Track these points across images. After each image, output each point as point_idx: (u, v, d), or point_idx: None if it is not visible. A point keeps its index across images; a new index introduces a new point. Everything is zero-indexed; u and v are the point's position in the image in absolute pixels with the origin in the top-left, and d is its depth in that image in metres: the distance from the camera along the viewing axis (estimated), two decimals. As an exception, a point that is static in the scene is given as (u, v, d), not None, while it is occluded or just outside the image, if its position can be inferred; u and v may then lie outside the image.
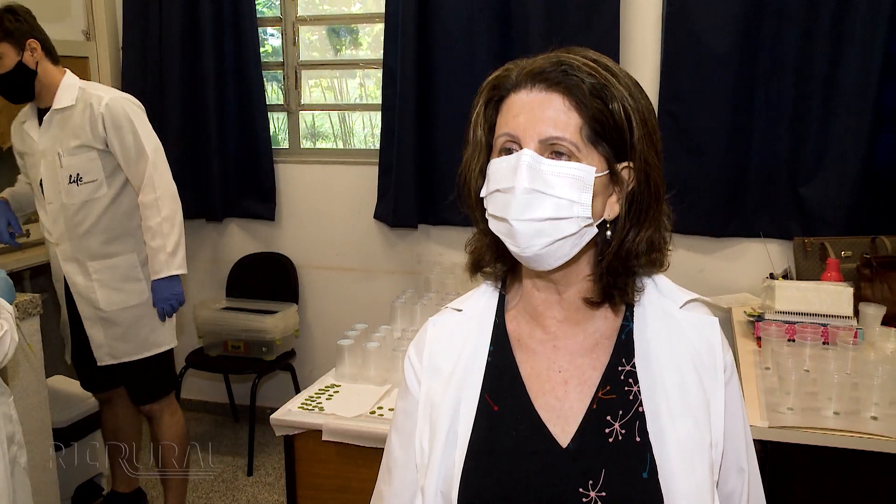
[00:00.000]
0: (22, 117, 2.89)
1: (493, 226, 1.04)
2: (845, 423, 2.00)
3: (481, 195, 1.06)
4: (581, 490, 1.02)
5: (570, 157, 1.00)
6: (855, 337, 2.38)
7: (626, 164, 1.03)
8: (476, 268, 1.16)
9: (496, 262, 1.14)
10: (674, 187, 1.10)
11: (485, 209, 1.06)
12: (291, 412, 2.28)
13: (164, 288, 2.85)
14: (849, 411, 2.05)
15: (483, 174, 1.06)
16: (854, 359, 2.25)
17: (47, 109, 2.78)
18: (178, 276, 2.85)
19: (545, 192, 0.98)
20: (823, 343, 2.43)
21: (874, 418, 2.02)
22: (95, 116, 2.75)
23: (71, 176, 2.77)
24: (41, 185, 2.80)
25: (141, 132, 2.80)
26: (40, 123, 2.80)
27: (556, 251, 1.01)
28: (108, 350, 2.88)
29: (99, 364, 2.89)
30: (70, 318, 2.93)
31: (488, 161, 1.05)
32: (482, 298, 1.17)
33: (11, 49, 2.65)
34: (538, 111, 1.00)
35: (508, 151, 1.02)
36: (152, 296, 2.87)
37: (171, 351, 3.01)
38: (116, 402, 3.11)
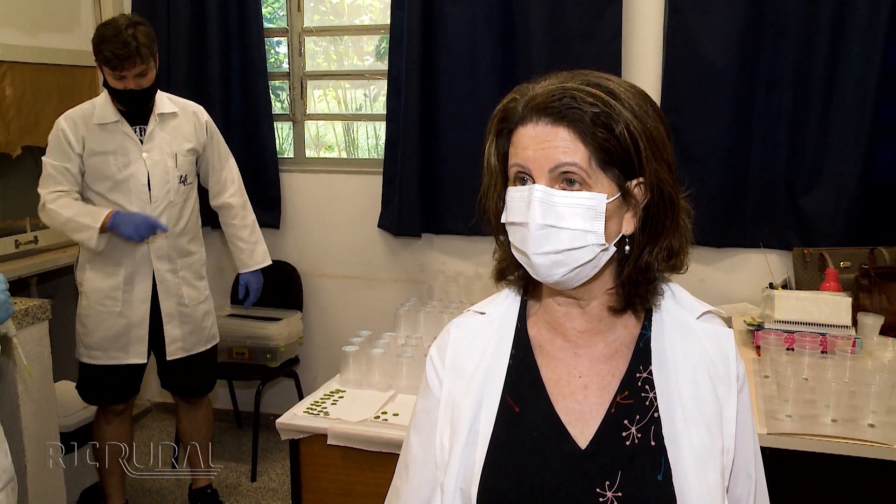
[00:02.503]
0: (98, 119, 2.89)
1: (515, 254, 1.09)
2: (843, 431, 2.03)
3: (502, 221, 1.10)
4: (598, 490, 1.05)
5: (582, 185, 1.02)
6: (853, 346, 2.41)
7: (638, 180, 1.05)
8: (500, 276, 1.19)
9: (518, 271, 1.17)
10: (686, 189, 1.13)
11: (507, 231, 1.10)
12: (297, 416, 2.31)
13: (258, 278, 3.28)
14: (846, 419, 2.08)
15: (502, 198, 1.10)
16: (852, 367, 2.28)
17: (136, 113, 2.92)
18: None
19: (558, 225, 1.02)
20: (822, 352, 2.45)
21: (871, 426, 2.05)
22: (202, 124, 3.07)
23: (181, 176, 3.02)
24: (148, 184, 2.92)
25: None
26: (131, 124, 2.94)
27: (576, 276, 1.05)
28: (181, 344, 3.08)
29: (169, 358, 3.05)
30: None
31: (506, 187, 1.09)
32: (504, 302, 1.20)
33: (154, 63, 2.87)
34: (545, 143, 1.03)
35: (523, 181, 1.05)
36: (248, 286, 3.24)
37: (217, 345, 3.30)
38: (126, 412, 3.16)
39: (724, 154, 3.30)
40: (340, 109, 4.25)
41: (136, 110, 2.91)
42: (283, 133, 4.18)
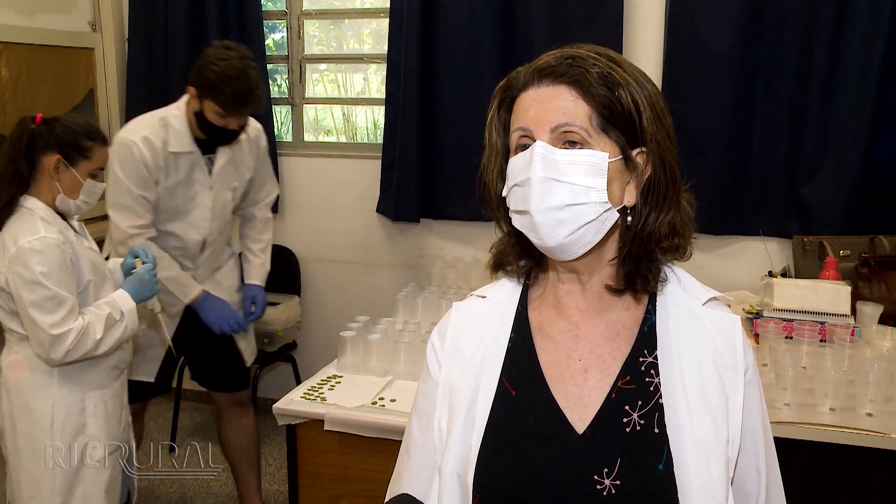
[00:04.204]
0: (174, 147, 2.69)
1: (517, 221, 1.06)
2: (841, 419, 2.03)
3: (502, 195, 1.08)
4: (595, 477, 1.02)
5: (583, 144, 1.02)
6: (852, 335, 2.40)
7: (639, 149, 1.05)
8: (498, 267, 1.18)
9: (519, 261, 1.16)
10: (687, 178, 1.12)
11: (507, 209, 1.08)
12: (294, 402, 2.31)
13: (264, 293, 3.15)
14: (844, 407, 2.08)
15: (502, 176, 1.09)
16: (850, 356, 2.27)
17: (203, 140, 2.76)
18: None
19: (560, 179, 1.00)
20: (821, 341, 2.45)
21: (869, 415, 2.05)
22: (260, 150, 2.98)
23: (234, 206, 2.98)
24: (209, 213, 2.84)
25: None
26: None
27: (579, 239, 1.03)
28: (249, 347, 3.12)
29: (248, 365, 3.12)
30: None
31: (506, 163, 1.07)
32: (506, 287, 1.19)
33: None
34: (547, 103, 1.03)
35: (524, 148, 1.04)
36: (255, 299, 3.11)
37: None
38: (146, 410, 3.15)
39: (725, 141, 3.28)
40: (339, 94, 4.23)
41: (221, 143, 2.78)
42: (281, 116, 4.16)
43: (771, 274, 3.07)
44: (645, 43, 3.41)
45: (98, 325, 2.15)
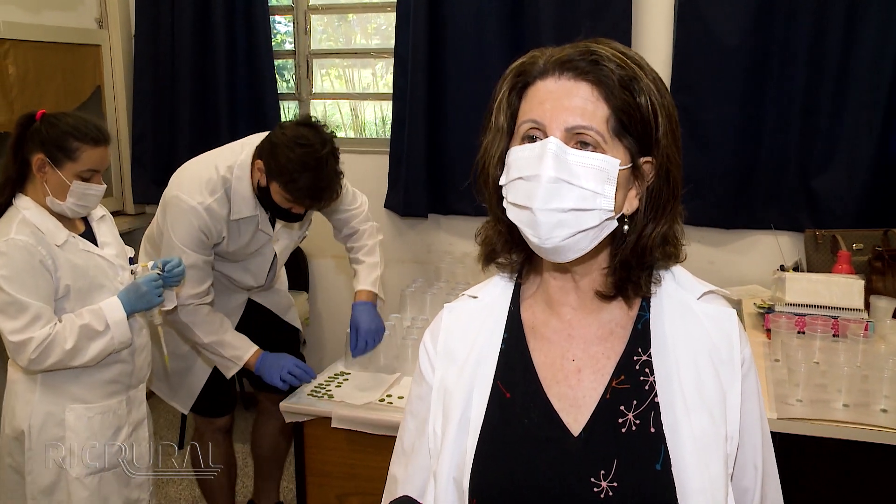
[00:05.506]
0: (236, 215, 2.46)
1: (513, 214, 1.02)
2: (855, 416, 2.00)
3: (500, 183, 1.04)
4: (592, 479, 1.00)
5: (596, 147, 0.98)
6: (865, 329, 2.37)
7: (648, 158, 1.02)
8: (489, 259, 1.14)
9: (510, 253, 1.13)
10: (687, 182, 1.09)
11: (502, 198, 1.04)
12: (301, 399, 2.30)
13: (372, 313, 2.70)
14: (858, 403, 2.05)
15: (502, 162, 1.05)
16: (864, 351, 2.24)
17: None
18: None
19: (571, 182, 0.97)
20: (833, 335, 2.43)
21: (884, 411, 2.02)
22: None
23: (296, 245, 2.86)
24: (271, 265, 2.69)
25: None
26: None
27: (575, 244, 1.00)
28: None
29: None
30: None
31: (508, 148, 1.04)
32: (498, 286, 1.16)
33: None
34: (565, 99, 0.99)
35: (531, 139, 1.01)
36: (357, 325, 2.60)
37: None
38: (230, 428, 3.05)
39: (736, 134, 3.25)
40: (347, 89, 4.21)
41: (282, 219, 2.56)
42: (289, 113, 4.14)
43: (783, 268, 3.04)
44: (654, 34, 3.37)
45: (70, 335, 1.99)
